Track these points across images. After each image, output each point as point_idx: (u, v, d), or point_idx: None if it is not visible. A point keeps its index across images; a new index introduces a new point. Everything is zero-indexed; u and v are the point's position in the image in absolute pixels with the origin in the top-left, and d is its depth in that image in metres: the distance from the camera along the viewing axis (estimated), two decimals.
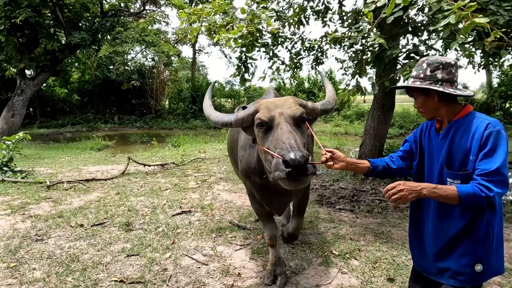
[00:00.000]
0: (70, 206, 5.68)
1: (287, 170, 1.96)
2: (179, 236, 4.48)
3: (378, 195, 6.41)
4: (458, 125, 1.89)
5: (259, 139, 2.40)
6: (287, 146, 2.06)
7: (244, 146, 3.06)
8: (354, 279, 3.42)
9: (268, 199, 3.11)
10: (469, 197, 1.71)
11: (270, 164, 2.19)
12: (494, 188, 1.68)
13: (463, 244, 1.86)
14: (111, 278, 3.39)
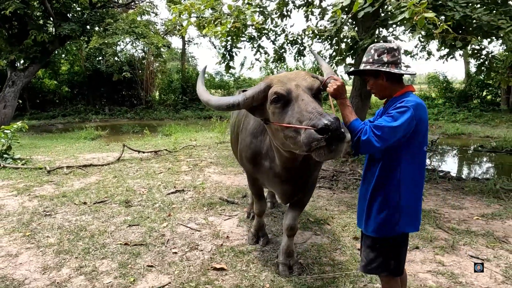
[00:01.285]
0: (72, 188, 6.15)
1: (325, 137, 1.85)
2: (174, 210, 5.02)
3: (355, 175, 7.03)
4: (393, 101, 2.18)
5: (275, 116, 2.27)
6: (316, 114, 1.96)
7: (254, 132, 3.01)
8: (326, 239, 4.02)
9: (277, 185, 3.01)
10: (352, 127, 2.05)
11: (293, 140, 2.11)
12: (370, 135, 1.97)
13: (373, 201, 2.19)
14: (116, 242, 3.93)
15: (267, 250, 3.74)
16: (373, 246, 2.21)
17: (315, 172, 3.10)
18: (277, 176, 2.91)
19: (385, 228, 2.15)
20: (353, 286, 3.01)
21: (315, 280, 3.11)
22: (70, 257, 3.56)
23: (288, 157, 2.63)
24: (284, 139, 2.23)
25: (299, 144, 2.05)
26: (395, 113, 2.01)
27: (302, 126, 2.01)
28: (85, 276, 3.19)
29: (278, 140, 2.37)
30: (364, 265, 2.26)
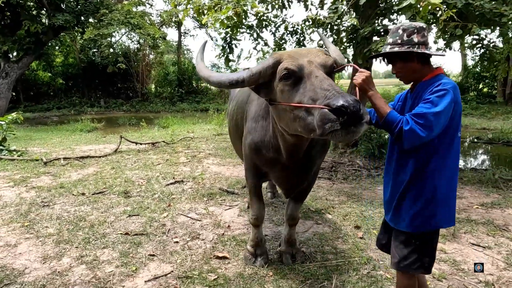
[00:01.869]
0: (69, 179, 6.09)
1: (342, 119, 1.67)
2: (174, 200, 4.99)
3: (354, 166, 7.03)
4: (423, 86, 2.00)
5: (284, 95, 2.07)
6: (332, 92, 1.78)
7: (255, 117, 2.81)
8: (327, 228, 4.02)
9: (281, 176, 2.86)
10: (390, 120, 1.88)
11: (303, 122, 1.92)
12: (412, 124, 1.81)
13: (408, 194, 2.02)
14: (117, 232, 3.89)
15: (269, 239, 3.73)
16: (408, 242, 2.04)
17: (319, 160, 2.97)
18: (281, 166, 2.74)
19: (421, 223, 1.99)
20: (356, 273, 3.01)
21: (318, 268, 3.11)
22: (70, 247, 3.52)
23: (294, 143, 2.48)
24: (292, 121, 2.04)
25: (310, 126, 1.87)
26: (434, 98, 1.84)
27: (316, 105, 1.81)
28: (86, 265, 3.16)
29: (285, 122, 2.17)
30: (397, 262, 2.08)
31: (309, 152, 2.71)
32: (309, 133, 1.97)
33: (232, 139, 3.83)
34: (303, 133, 2.03)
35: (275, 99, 2.20)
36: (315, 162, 2.88)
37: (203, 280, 2.91)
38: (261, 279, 2.92)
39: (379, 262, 3.20)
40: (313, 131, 1.88)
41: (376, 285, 2.82)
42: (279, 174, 2.86)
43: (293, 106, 1.99)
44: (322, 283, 2.87)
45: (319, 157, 2.90)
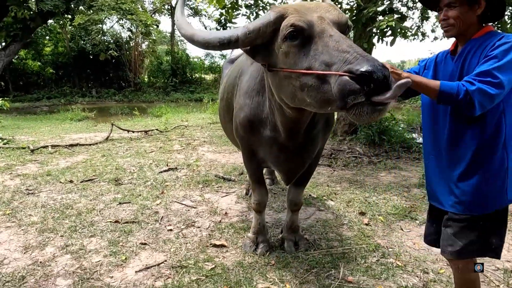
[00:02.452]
0: (57, 167, 5.79)
1: (368, 89, 1.34)
2: (168, 187, 4.72)
3: (354, 153, 6.82)
4: (474, 44, 1.73)
5: (289, 58, 1.70)
6: (354, 55, 1.43)
7: (249, 92, 2.47)
8: (330, 214, 3.80)
9: (280, 159, 2.54)
10: (447, 89, 1.58)
11: (314, 92, 1.58)
12: (478, 83, 1.54)
13: (473, 170, 1.75)
14: (106, 220, 3.63)
15: (270, 226, 3.49)
16: (473, 226, 1.77)
17: (323, 140, 2.68)
18: (280, 147, 2.43)
19: (490, 201, 1.74)
20: (365, 261, 2.80)
21: (324, 255, 2.88)
22: (55, 236, 3.26)
23: (294, 119, 2.16)
24: (299, 90, 1.67)
25: (325, 96, 1.52)
26: (498, 53, 1.58)
27: (332, 72, 1.45)
28: (72, 255, 2.90)
29: (288, 93, 1.79)
30: (458, 250, 1.79)
31: (311, 130, 2.42)
32: (322, 106, 1.62)
33: (223, 123, 3.41)
34: (313, 106, 1.68)
35: (275, 64, 1.81)
36: (317, 142, 2.58)
37: (199, 269, 2.67)
38: (263, 268, 2.69)
39: (388, 249, 2.99)
40: (329, 104, 1.54)
41: (387, 273, 2.61)
42: (277, 157, 2.53)
43: (301, 73, 1.62)
44: (328, 271, 2.64)
45: (322, 136, 2.61)
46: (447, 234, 1.86)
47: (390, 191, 4.51)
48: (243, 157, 2.85)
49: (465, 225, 1.79)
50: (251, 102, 2.45)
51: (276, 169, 2.78)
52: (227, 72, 3.65)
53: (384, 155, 6.60)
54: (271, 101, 2.27)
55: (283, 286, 2.46)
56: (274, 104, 2.22)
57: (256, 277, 2.57)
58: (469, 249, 1.79)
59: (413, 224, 3.52)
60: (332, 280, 2.52)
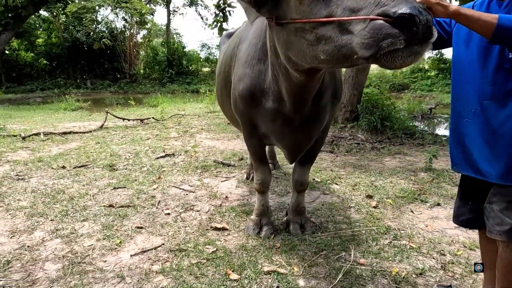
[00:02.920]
0: (49, 153, 5.56)
1: (408, 33, 1.17)
2: (165, 173, 4.52)
3: (356, 140, 6.64)
4: None
5: (304, 6, 1.47)
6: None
7: (249, 60, 2.29)
8: (336, 198, 3.62)
9: (284, 134, 2.36)
10: (509, 23, 1.35)
11: (332, 44, 1.38)
12: None
13: None
14: (99, 205, 3.43)
15: (273, 210, 3.31)
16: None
17: (331, 112, 2.47)
18: (284, 120, 2.24)
19: None
20: (376, 243, 2.63)
21: (332, 238, 2.71)
22: (45, 220, 3.06)
23: (301, 84, 1.96)
24: (315, 43, 1.45)
25: (347, 48, 1.32)
26: None
27: (363, 17, 1.23)
28: (62, 239, 2.71)
29: (299, 49, 1.57)
30: (509, 229, 1.55)
31: (319, 100, 2.23)
32: (340, 62, 1.43)
33: (220, 101, 3.22)
34: (328, 63, 1.48)
35: (284, 15, 1.59)
36: (325, 114, 2.38)
37: (199, 253, 2.49)
38: (268, 251, 2.51)
39: (400, 231, 2.82)
40: (349, 58, 1.35)
41: (402, 256, 2.44)
42: (281, 131, 2.34)
43: (321, 21, 1.38)
44: (338, 254, 2.47)
45: (331, 108, 2.42)
46: (493, 211, 1.62)
47: (397, 175, 4.34)
48: (244, 134, 2.66)
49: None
50: (251, 71, 2.27)
51: (279, 145, 2.58)
52: (224, 47, 3.45)
53: (387, 141, 6.43)
54: (274, 66, 2.06)
55: (291, 269, 2.28)
56: (279, 68, 2.01)
57: (261, 260, 2.39)
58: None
59: (423, 206, 3.35)
60: (343, 263, 2.35)
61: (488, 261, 1.86)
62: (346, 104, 7.75)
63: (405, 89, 17.11)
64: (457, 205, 1.89)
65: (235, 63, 2.47)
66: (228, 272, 2.22)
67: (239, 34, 2.74)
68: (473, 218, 1.80)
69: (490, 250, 1.81)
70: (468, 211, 1.82)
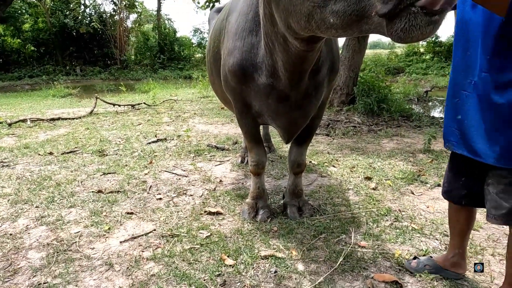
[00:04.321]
0: (36, 140, 5.36)
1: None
2: (157, 158, 4.37)
3: (352, 123, 6.52)
4: None
5: None
6: None
7: (239, 32, 2.12)
8: (334, 180, 3.51)
9: (279, 111, 2.20)
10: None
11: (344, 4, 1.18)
12: None
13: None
14: (88, 191, 3.28)
15: (270, 193, 3.19)
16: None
17: (328, 87, 2.33)
18: (279, 96, 2.09)
19: None
20: (377, 225, 2.52)
21: (331, 221, 2.60)
22: (30, 207, 2.91)
23: (300, 55, 1.79)
24: (319, 7, 1.28)
25: (358, 8, 1.14)
26: None
27: None
28: (47, 226, 2.56)
29: (300, 14, 1.40)
30: (504, 214, 1.47)
31: (316, 75, 2.09)
32: (351, 25, 1.21)
33: (211, 79, 3.05)
34: (340, 24, 1.24)
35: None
36: (322, 89, 2.23)
37: (192, 238, 2.37)
38: (264, 235, 2.40)
39: (401, 212, 2.72)
40: (363, 18, 1.15)
41: (404, 237, 2.34)
42: (275, 108, 2.18)
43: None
44: (338, 236, 2.36)
45: (327, 84, 2.28)
46: (489, 193, 1.54)
47: (395, 156, 4.24)
48: (236, 113, 2.50)
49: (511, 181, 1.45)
50: (242, 44, 2.10)
51: (274, 124, 2.42)
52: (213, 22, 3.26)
53: (384, 124, 6.33)
54: (269, 37, 1.88)
55: (289, 253, 2.18)
56: (275, 39, 1.83)
57: (257, 245, 2.28)
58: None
59: (423, 187, 3.26)
60: (343, 246, 2.25)
61: (456, 230, 1.86)
62: (342, 86, 7.60)
63: (400, 72, 16.95)
64: (448, 180, 1.79)
65: (225, 36, 2.30)
66: (223, 257, 2.11)
67: (228, 5, 2.56)
68: (464, 195, 1.72)
69: (459, 220, 1.82)
70: (460, 186, 1.72)
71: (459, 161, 1.70)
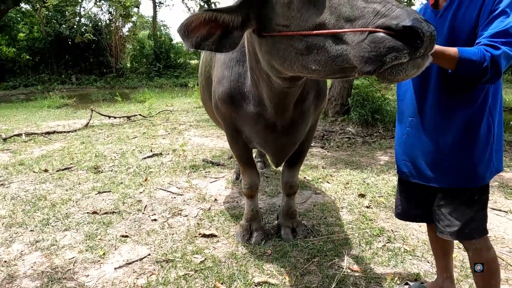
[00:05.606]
0: (31, 156, 5.36)
1: (413, 47, 1.07)
2: (152, 174, 4.38)
3: (347, 134, 6.57)
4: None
5: (293, 11, 1.32)
6: (388, 7, 1.12)
7: (227, 62, 2.16)
8: (328, 197, 3.54)
9: (267, 138, 2.23)
10: (469, 56, 1.35)
11: (325, 55, 1.25)
12: (502, 45, 1.34)
13: (466, 140, 1.55)
14: (83, 212, 3.29)
15: (264, 212, 3.22)
16: (471, 201, 1.58)
17: (315, 114, 2.37)
18: (266, 124, 2.12)
19: (487, 171, 1.55)
20: (370, 247, 2.55)
21: (325, 242, 2.63)
22: (24, 231, 2.91)
23: (284, 90, 1.83)
24: (301, 55, 1.32)
25: (339, 61, 1.21)
26: (504, 6, 1.38)
27: (363, 29, 1.12)
28: (42, 252, 2.57)
29: (283, 59, 1.43)
30: (456, 230, 1.59)
31: (302, 103, 2.11)
32: (334, 73, 1.31)
33: (203, 100, 3.10)
34: (322, 71, 1.32)
35: (270, 21, 1.41)
36: (309, 117, 2.27)
37: (187, 263, 2.38)
38: (258, 259, 2.42)
39: (393, 233, 2.75)
40: (345, 70, 1.25)
41: (396, 260, 2.37)
42: (263, 136, 2.22)
43: (311, 33, 1.25)
44: (331, 260, 2.39)
45: (314, 110, 2.31)
46: (442, 214, 1.66)
47: (389, 171, 4.28)
48: (227, 137, 2.55)
49: (464, 200, 1.60)
50: (230, 74, 2.14)
51: (263, 150, 2.46)
52: None
53: (378, 134, 6.39)
54: (254, 71, 1.91)
55: (282, 278, 2.20)
56: (259, 74, 1.86)
57: (251, 270, 2.30)
58: (470, 228, 1.59)
59: None
60: (336, 270, 2.27)
61: (439, 252, 1.94)
62: (337, 97, 7.67)
63: None
64: (401, 202, 1.89)
65: (215, 64, 2.34)
66: (217, 285, 2.13)
67: None
68: (418, 214, 1.83)
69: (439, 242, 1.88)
70: (413, 207, 1.83)
71: (410, 184, 1.79)
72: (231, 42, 1.45)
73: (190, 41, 1.38)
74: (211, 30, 1.40)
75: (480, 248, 1.62)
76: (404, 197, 1.86)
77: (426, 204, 1.76)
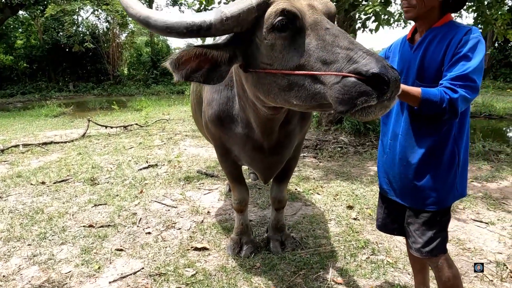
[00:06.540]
0: (28, 167, 5.45)
1: (381, 91, 1.22)
2: (147, 186, 4.49)
3: (340, 143, 6.70)
4: (435, 34, 1.64)
5: (276, 52, 1.45)
6: (359, 53, 1.27)
7: (216, 86, 2.25)
8: (317, 209, 3.66)
9: (255, 157, 2.34)
10: (430, 97, 1.49)
11: (305, 93, 1.41)
12: (460, 89, 1.48)
13: (429, 166, 1.69)
14: (79, 225, 3.38)
15: (255, 225, 3.33)
16: (432, 222, 1.72)
17: (300, 134, 2.50)
18: (253, 145, 2.25)
19: (448, 196, 1.71)
20: (355, 259, 2.67)
21: (311, 255, 2.74)
22: (22, 245, 3.00)
23: (269, 116, 1.96)
24: (284, 90, 1.47)
25: (318, 98, 1.37)
26: (467, 51, 1.51)
27: (336, 73, 1.28)
28: (39, 266, 2.67)
29: (267, 92, 1.56)
30: (420, 247, 1.74)
31: (287, 126, 2.24)
32: (313, 108, 1.49)
33: (195, 117, 3.23)
34: (301, 107, 1.52)
35: (255, 59, 1.53)
36: (294, 138, 2.40)
37: (179, 276, 2.49)
38: (247, 272, 2.53)
39: (378, 245, 2.87)
40: (322, 106, 1.42)
41: (378, 272, 2.49)
42: (251, 155, 2.34)
43: (291, 73, 1.41)
44: (317, 272, 2.50)
45: (299, 131, 2.44)
46: (410, 231, 1.81)
47: (377, 182, 4.40)
48: (217, 155, 2.68)
49: (426, 221, 1.73)
50: (219, 97, 2.25)
51: (252, 168, 2.59)
52: None
53: (370, 144, 6.52)
54: (241, 98, 2.04)
55: None
56: (246, 101, 1.99)
57: (240, 283, 2.40)
58: (432, 246, 1.71)
59: None
60: (321, 283, 2.39)
61: (417, 266, 2.07)
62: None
63: None
64: (381, 215, 2.03)
65: (205, 86, 2.44)
66: None
67: None
68: (396, 228, 1.97)
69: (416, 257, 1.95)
70: (391, 222, 1.97)
71: (389, 200, 1.93)
72: (218, 75, 1.56)
73: (180, 73, 1.49)
74: (200, 64, 1.51)
75: (441, 266, 1.74)
76: (383, 211, 2.01)
77: (403, 219, 1.89)
